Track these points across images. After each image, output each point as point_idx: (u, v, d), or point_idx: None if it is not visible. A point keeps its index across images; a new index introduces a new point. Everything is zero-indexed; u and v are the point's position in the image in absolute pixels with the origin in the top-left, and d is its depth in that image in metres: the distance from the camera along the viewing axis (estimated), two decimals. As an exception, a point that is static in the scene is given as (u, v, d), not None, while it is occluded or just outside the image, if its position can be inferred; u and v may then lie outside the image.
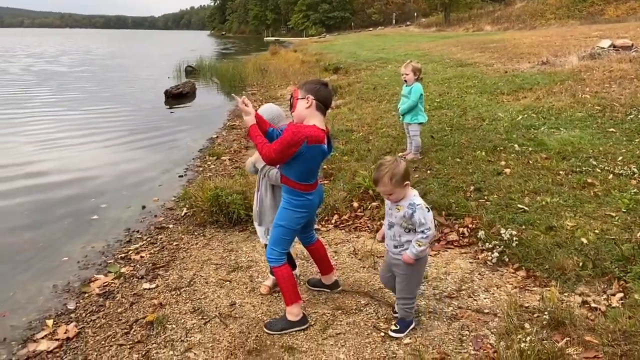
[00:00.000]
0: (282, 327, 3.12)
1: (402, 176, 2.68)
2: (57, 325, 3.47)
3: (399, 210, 2.76)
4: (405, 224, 2.76)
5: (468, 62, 14.37)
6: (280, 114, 3.32)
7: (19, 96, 14.35)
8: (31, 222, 5.41)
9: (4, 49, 42.95)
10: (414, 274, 2.88)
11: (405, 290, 2.93)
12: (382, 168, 2.72)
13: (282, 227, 3.01)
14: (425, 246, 2.73)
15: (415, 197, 2.76)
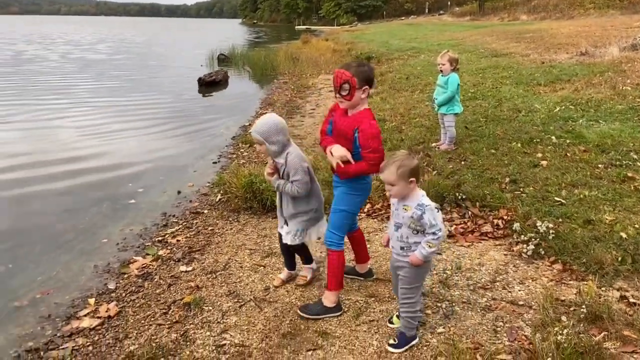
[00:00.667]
0: (317, 312, 3.17)
1: (410, 170, 2.53)
2: (98, 303, 3.61)
3: (407, 211, 2.62)
4: (414, 225, 2.61)
5: (503, 52, 14.07)
6: (277, 128, 3.00)
7: (60, 84, 14.74)
8: (72, 205, 5.60)
9: (43, 36, 44.17)
10: (418, 277, 2.74)
11: (408, 295, 2.76)
12: (393, 157, 2.60)
13: (345, 211, 3.08)
14: (435, 247, 2.59)
15: (424, 197, 2.62)
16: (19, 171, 6.70)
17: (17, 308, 3.63)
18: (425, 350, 2.80)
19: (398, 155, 2.61)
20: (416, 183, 2.60)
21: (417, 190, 2.64)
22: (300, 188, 3.06)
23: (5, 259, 4.35)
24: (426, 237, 2.58)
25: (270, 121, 3.03)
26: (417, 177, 2.61)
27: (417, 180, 2.60)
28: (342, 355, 2.82)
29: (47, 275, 4.08)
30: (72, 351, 3.07)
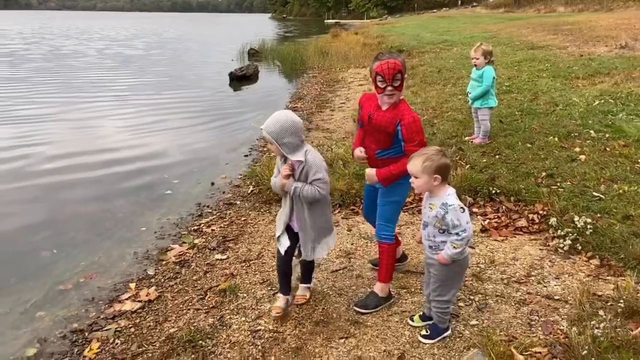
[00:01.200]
0: (376, 304, 3.18)
1: (436, 167, 2.48)
2: (139, 288, 3.75)
3: (432, 210, 2.60)
4: (439, 224, 2.58)
5: (540, 44, 13.75)
6: (290, 128, 2.72)
7: (100, 79, 15.08)
8: (111, 195, 5.78)
9: (80, 32, 45.34)
10: (449, 275, 2.69)
11: (439, 292, 2.73)
12: (423, 150, 2.58)
13: (398, 201, 3.12)
14: (461, 248, 2.54)
15: (450, 196, 2.55)
16: (62, 163, 6.94)
17: (62, 291, 3.79)
18: (458, 341, 2.81)
19: (428, 150, 2.59)
20: (443, 182, 2.55)
21: (445, 188, 2.58)
22: (322, 189, 2.79)
23: (50, 245, 4.54)
24: (451, 237, 2.55)
25: (283, 120, 2.71)
26: (444, 176, 2.55)
27: (443, 179, 2.55)
28: (375, 343, 2.86)
29: (90, 260, 4.25)
30: (115, 332, 3.20)
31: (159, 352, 2.94)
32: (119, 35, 40.80)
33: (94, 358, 2.99)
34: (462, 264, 2.70)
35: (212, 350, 2.91)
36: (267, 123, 2.73)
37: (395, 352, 2.77)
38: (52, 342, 3.21)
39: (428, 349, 2.77)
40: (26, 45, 28.71)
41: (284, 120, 2.71)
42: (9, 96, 11.64)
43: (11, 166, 6.73)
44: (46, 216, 5.18)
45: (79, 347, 3.12)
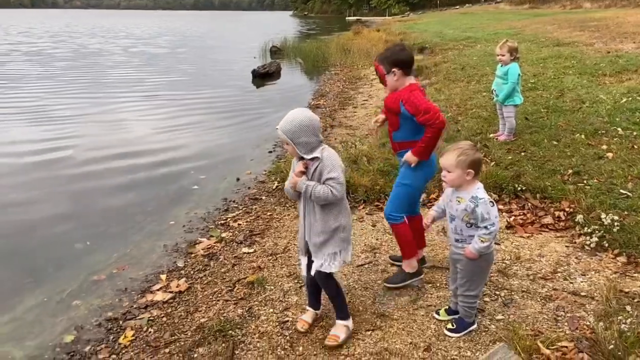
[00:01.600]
0: (402, 279, 3.32)
1: (471, 162, 2.51)
2: (169, 279, 3.86)
3: (460, 203, 2.60)
4: (467, 218, 2.59)
5: (565, 41, 13.52)
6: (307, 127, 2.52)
7: (127, 78, 15.26)
8: (141, 190, 5.92)
9: (106, 30, 46.15)
10: (476, 270, 2.71)
11: (465, 287, 2.75)
12: (457, 144, 2.61)
13: (407, 186, 3.21)
14: (489, 242, 2.56)
15: (479, 190, 2.57)
16: (93, 158, 7.13)
17: (96, 281, 3.94)
18: (484, 335, 2.84)
19: (462, 144, 2.62)
20: (475, 176, 2.59)
21: (474, 183, 2.61)
22: (336, 189, 2.53)
23: (83, 237, 4.70)
24: (479, 231, 2.57)
25: (299, 118, 2.53)
26: (477, 171, 2.59)
27: (475, 174, 2.58)
28: (401, 336, 2.91)
29: (122, 252, 4.39)
30: (148, 321, 3.32)
31: (190, 340, 3.04)
32: (143, 34, 41.41)
33: (129, 345, 3.11)
34: (488, 259, 2.72)
35: (241, 339, 3.00)
36: (282, 122, 2.55)
37: (421, 345, 2.82)
38: (88, 330, 3.35)
39: (454, 342, 2.81)
40: (54, 43, 29.38)
41: (301, 118, 2.52)
42: (40, 94, 11.95)
43: (45, 161, 6.95)
44: (79, 209, 5.36)
45: (114, 335, 3.25)
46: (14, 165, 6.73)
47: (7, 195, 5.70)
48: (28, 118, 9.46)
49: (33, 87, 12.97)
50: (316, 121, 2.58)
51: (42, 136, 8.18)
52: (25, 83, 13.61)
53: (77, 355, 3.09)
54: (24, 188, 5.94)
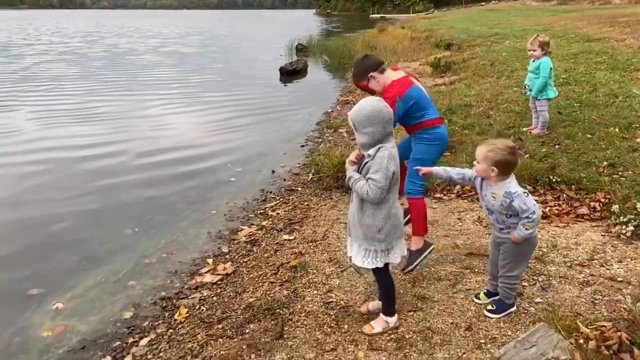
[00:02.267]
0: (413, 260, 3.49)
1: (496, 161, 2.59)
2: (216, 263, 4.08)
3: (495, 199, 2.69)
4: (505, 211, 2.69)
5: (596, 37, 13.36)
6: (374, 117, 2.51)
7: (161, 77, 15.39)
8: (182, 182, 6.14)
9: (134, 30, 47.05)
10: (519, 254, 2.81)
11: (507, 267, 2.85)
12: (495, 141, 2.72)
13: (421, 159, 3.39)
14: (532, 229, 2.65)
15: (511, 185, 2.64)
16: (136, 154, 7.38)
17: (148, 264, 4.18)
18: (524, 316, 2.96)
19: (498, 141, 2.71)
20: (501, 175, 2.65)
21: (505, 179, 2.67)
22: (373, 192, 2.53)
23: (132, 224, 4.95)
24: (522, 220, 2.67)
25: (368, 107, 2.52)
26: (502, 171, 2.64)
27: (501, 173, 2.64)
28: (442, 317, 3.04)
29: (169, 238, 4.62)
30: (200, 300, 3.53)
31: (241, 317, 3.23)
32: (172, 33, 42.07)
33: (184, 321, 3.32)
34: (532, 243, 2.83)
35: (289, 317, 3.17)
36: (352, 111, 2.57)
37: (462, 325, 2.94)
38: (144, 307, 3.58)
39: (494, 323, 2.93)
40: (87, 43, 30.12)
41: (371, 107, 2.50)
42: (82, 93, 12.34)
43: (92, 155, 7.25)
44: (125, 200, 5.61)
45: (169, 312, 3.47)
46: (63, 160, 7.03)
47: (59, 188, 5.98)
48: (74, 116, 9.81)
49: (74, 87, 13.34)
50: (386, 113, 2.53)
51: (88, 132, 8.48)
52: (66, 83, 14.03)
53: (137, 330, 3.32)
54: (74, 181, 6.21)
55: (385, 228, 2.68)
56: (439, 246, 3.92)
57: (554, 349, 2.43)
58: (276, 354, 2.85)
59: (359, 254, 2.78)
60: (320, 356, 2.80)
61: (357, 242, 2.79)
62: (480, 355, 2.69)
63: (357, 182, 2.60)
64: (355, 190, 2.62)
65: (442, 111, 7.14)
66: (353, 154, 2.71)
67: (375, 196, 2.55)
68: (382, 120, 2.52)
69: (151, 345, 3.14)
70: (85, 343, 3.26)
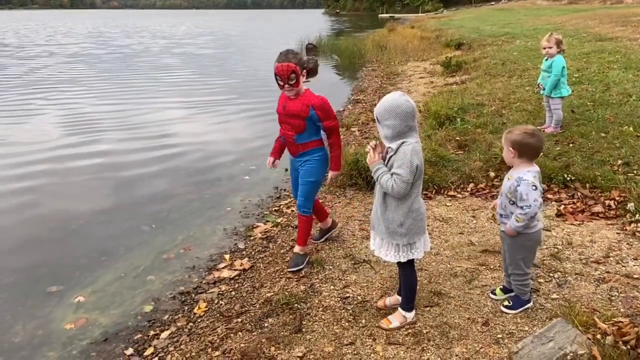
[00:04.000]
0: (303, 260, 3.77)
1: (512, 141, 2.73)
2: (233, 259, 4.14)
3: (509, 180, 2.79)
4: (510, 195, 2.77)
5: (608, 36, 13.28)
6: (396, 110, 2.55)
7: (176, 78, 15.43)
8: (197, 181, 6.19)
9: (145, 29, 47.32)
10: (520, 249, 2.86)
11: (514, 265, 2.91)
12: (519, 126, 2.89)
13: (314, 182, 3.65)
14: (523, 222, 2.71)
15: (528, 173, 2.71)
16: (152, 154, 7.47)
17: (166, 260, 4.24)
18: (540, 312, 2.99)
19: (520, 126, 2.85)
20: (522, 158, 2.75)
21: (527, 165, 2.76)
22: (398, 186, 2.58)
23: (149, 221, 5.02)
24: (516, 210, 2.75)
25: (389, 101, 2.58)
26: (521, 153, 2.74)
27: (521, 155, 2.74)
28: (459, 312, 3.08)
29: (186, 235, 4.69)
30: (218, 295, 3.59)
31: (260, 311, 3.28)
32: (183, 34, 42.17)
33: (204, 315, 3.38)
34: (532, 238, 2.85)
35: (307, 312, 3.22)
36: (378, 105, 2.65)
37: (479, 320, 2.98)
38: (164, 301, 3.64)
39: (511, 318, 2.96)
40: (99, 45, 30.34)
41: (391, 101, 2.57)
42: (96, 94, 12.45)
43: (109, 155, 7.35)
44: (142, 197, 5.69)
45: (189, 306, 3.53)
46: (81, 159, 7.12)
47: (76, 187, 6.07)
48: (91, 116, 9.91)
49: (91, 88, 13.37)
50: (408, 107, 2.55)
51: (105, 133, 8.58)
52: (83, 83, 14.11)
53: (158, 323, 3.38)
54: (92, 180, 6.29)
55: (406, 223, 2.71)
56: (454, 243, 3.96)
57: (571, 344, 2.45)
58: (295, 347, 2.90)
59: (382, 247, 2.84)
60: (339, 349, 2.84)
61: (379, 236, 2.85)
62: (497, 349, 2.72)
63: (383, 175, 2.64)
64: (380, 183, 2.66)
65: (454, 110, 7.19)
66: (372, 143, 2.75)
67: (400, 190, 2.59)
68: (403, 113, 2.55)
69: (172, 338, 3.20)
70: (108, 335, 3.33)
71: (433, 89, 10.51)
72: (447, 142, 6.03)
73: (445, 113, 6.96)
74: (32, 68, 17.51)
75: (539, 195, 2.70)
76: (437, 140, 6.00)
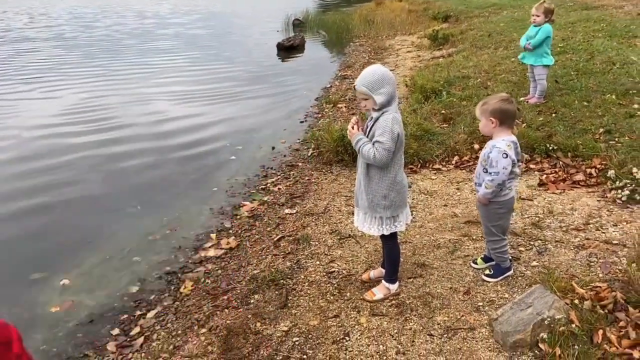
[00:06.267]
0: None
1: (490, 110, 2.70)
2: (219, 238, 4.15)
3: (485, 148, 2.83)
4: (484, 163, 2.80)
5: (594, 5, 13.20)
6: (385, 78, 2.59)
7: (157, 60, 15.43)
8: (182, 161, 6.15)
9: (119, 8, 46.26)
10: (490, 215, 2.90)
11: (486, 231, 2.99)
12: (490, 96, 2.89)
13: None
14: (491, 189, 2.74)
15: (502, 141, 2.72)
16: (130, 135, 7.39)
17: (152, 241, 4.25)
18: (520, 280, 3.04)
19: (493, 96, 2.85)
20: (502, 126, 2.74)
21: (503, 133, 2.76)
22: (380, 154, 2.57)
23: (134, 203, 5.01)
24: (486, 177, 2.78)
25: (378, 72, 2.60)
26: (502, 121, 2.73)
27: (501, 123, 2.73)
28: (441, 282, 3.12)
29: (171, 215, 4.69)
30: (204, 274, 3.61)
31: (246, 288, 3.32)
32: (165, 13, 41.33)
33: (190, 294, 3.41)
34: (504, 205, 2.88)
35: (293, 287, 3.26)
36: (362, 77, 2.61)
37: (461, 289, 3.03)
38: (150, 282, 3.67)
39: (492, 287, 3.02)
40: (77, 27, 29.67)
41: (381, 71, 2.60)
42: (77, 78, 12.24)
43: (90, 136, 7.27)
44: (126, 179, 5.65)
45: (175, 286, 3.56)
46: (64, 144, 7.03)
47: (61, 170, 5.99)
48: (72, 101, 9.75)
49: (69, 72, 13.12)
50: (392, 75, 2.66)
51: (88, 115, 8.46)
52: (62, 68, 13.81)
53: (144, 303, 3.41)
54: (75, 163, 6.20)
55: (390, 195, 2.74)
56: (438, 215, 4.00)
57: (549, 309, 2.51)
58: (281, 321, 2.94)
59: (365, 222, 2.85)
60: (324, 322, 2.89)
61: (362, 211, 2.86)
62: (478, 317, 2.78)
63: (365, 145, 2.64)
64: (362, 153, 2.65)
65: (440, 83, 7.16)
66: (353, 119, 2.77)
67: (382, 158, 2.59)
68: (391, 80, 2.62)
69: (158, 317, 3.23)
70: (94, 317, 3.35)
71: (420, 62, 10.44)
72: (433, 116, 6.03)
73: (431, 87, 6.94)
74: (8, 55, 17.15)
75: (509, 164, 2.71)
76: (423, 114, 5.99)
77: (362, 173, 2.78)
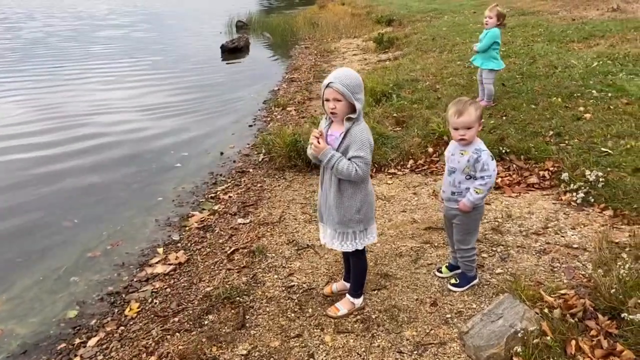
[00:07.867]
0: None
1: (479, 116, 2.63)
2: (167, 252, 3.85)
3: (463, 155, 2.67)
4: (468, 169, 2.68)
5: (530, 11, 13.77)
6: (361, 85, 2.48)
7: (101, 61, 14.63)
8: (122, 170, 5.74)
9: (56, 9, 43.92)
10: (472, 224, 2.82)
11: (463, 241, 2.86)
12: (464, 101, 2.64)
13: None
14: (483, 194, 2.66)
15: (482, 143, 2.69)
16: (66, 140, 6.87)
17: (91, 258, 3.88)
18: (487, 288, 2.97)
19: (466, 99, 2.68)
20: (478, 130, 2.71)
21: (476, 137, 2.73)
22: (362, 169, 2.43)
23: (70, 216, 4.60)
24: (475, 182, 2.67)
25: (355, 75, 2.45)
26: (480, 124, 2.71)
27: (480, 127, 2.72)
28: (406, 294, 3.00)
29: (113, 229, 4.32)
30: (152, 293, 3.31)
31: (199, 308, 3.05)
32: (99, 13, 39.58)
33: (136, 317, 3.10)
34: (481, 211, 2.84)
35: (250, 305, 3.03)
36: (339, 76, 2.41)
37: (427, 300, 2.91)
38: (90, 304, 3.32)
39: (458, 297, 2.92)
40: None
41: (358, 76, 2.45)
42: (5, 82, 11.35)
43: (19, 146, 6.68)
44: (62, 190, 5.21)
45: (119, 308, 3.23)
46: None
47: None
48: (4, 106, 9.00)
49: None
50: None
51: (21, 119, 7.80)
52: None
53: (84, 329, 3.07)
54: (5, 172, 5.69)
55: (363, 208, 2.59)
56: (397, 222, 3.89)
57: (521, 320, 2.43)
58: (239, 344, 2.71)
59: (335, 239, 2.66)
60: (286, 343, 2.68)
61: (331, 227, 2.66)
62: (447, 330, 2.67)
63: (340, 162, 2.43)
64: (338, 170, 2.43)
65: (389, 86, 7.13)
66: (315, 131, 2.54)
67: (365, 173, 2.46)
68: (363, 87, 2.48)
69: (101, 345, 2.91)
70: (27, 347, 2.98)
71: (367, 65, 10.43)
72: (385, 119, 5.96)
73: (381, 89, 6.89)
74: None
75: (495, 166, 2.69)
76: (375, 118, 5.90)
77: (334, 189, 2.56)
